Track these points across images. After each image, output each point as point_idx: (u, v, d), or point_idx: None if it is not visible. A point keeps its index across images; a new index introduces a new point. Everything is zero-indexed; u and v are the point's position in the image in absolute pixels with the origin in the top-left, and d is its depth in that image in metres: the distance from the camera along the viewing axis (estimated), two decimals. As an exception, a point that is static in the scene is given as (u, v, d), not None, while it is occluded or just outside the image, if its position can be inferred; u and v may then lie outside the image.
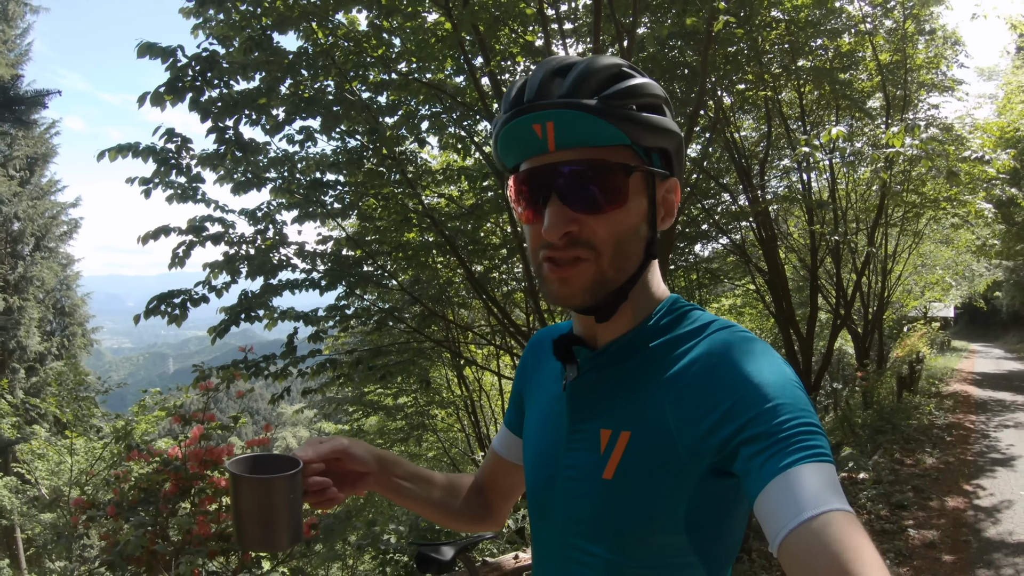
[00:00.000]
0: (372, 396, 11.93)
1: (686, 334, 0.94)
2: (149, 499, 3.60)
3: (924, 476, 7.85)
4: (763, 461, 0.76)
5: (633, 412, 0.93)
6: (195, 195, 6.02)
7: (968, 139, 8.58)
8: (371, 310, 7.69)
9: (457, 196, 9.42)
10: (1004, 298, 36.69)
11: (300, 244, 6.55)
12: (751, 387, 0.82)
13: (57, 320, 21.71)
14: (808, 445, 0.76)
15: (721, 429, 0.82)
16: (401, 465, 1.20)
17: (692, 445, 0.85)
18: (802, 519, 0.71)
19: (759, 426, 0.79)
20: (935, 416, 11.91)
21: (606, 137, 0.90)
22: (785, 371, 0.85)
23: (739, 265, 12.50)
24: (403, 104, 7.38)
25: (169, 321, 5.94)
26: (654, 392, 0.91)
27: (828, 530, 0.69)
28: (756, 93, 9.59)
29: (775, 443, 0.77)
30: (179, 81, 5.22)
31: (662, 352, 0.94)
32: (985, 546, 5.67)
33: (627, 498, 0.90)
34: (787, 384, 0.83)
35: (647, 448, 0.90)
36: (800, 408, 0.80)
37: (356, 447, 1.10)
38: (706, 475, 0.86)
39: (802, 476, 0.74)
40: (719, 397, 0.84)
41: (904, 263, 16.65)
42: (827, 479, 0.74)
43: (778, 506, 0.73)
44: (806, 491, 0.72)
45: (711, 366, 0.88)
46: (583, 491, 0.95)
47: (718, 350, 0.89)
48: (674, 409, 0.88)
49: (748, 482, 0.78)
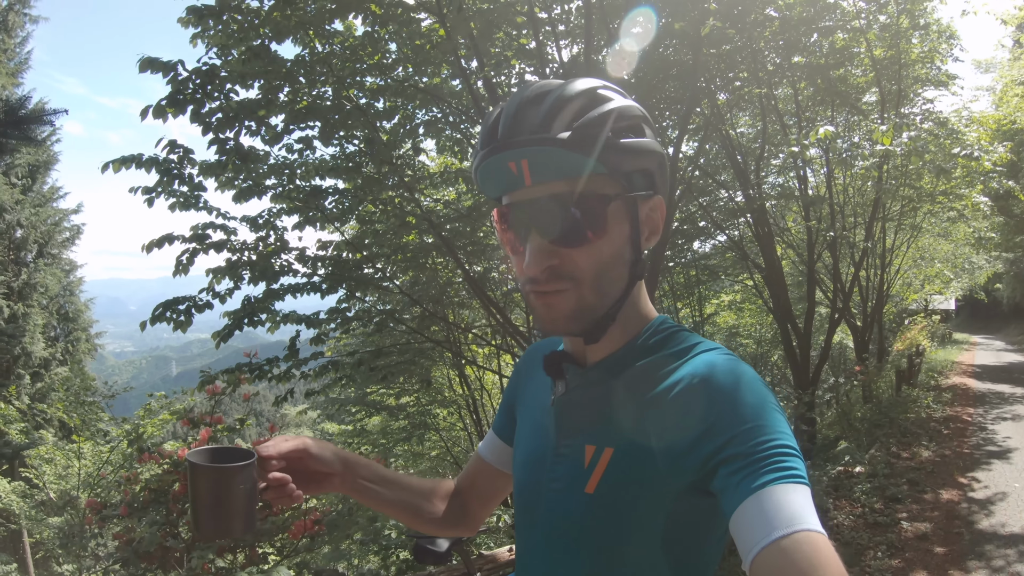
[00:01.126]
0: (374, 396, 12.04)
1: (672, 355, 0.97)
2: (159, 499, 3.72)
3: (919, 469, 7.92)
4: (739, 480, 0.79)
5: (617, 429, 0.95)
6: (197, 203, 6.12)
7: (964, 133, 8.64)
8: (371, 312, 7.78)
9: (455, 198, 9.51)
10: (1005, 290, 36.65)
11: (301, 249, 6.65)
12: (731, 408, 0.85)
13: (61, 326, 21.83)
14: (784, 466, 0.79)
15: (701, 448, 0.85)
16: (369, 468, 1.21)
17: (672, 463, 0.88)
18: (773, 537, 0.73)
19: (737, 446, 0.82)
20: (933, 409, 11.96)
21: (582, 168, 0.91)
22: (765, 394, 0.88)
23: (737, 261, 12.55)
24: (400, 109, 7.48)
25: (175, 328, 6.04)
26: (638, 411, 0.94)
27: (798, 548, 0.72)
28: (751, 90, 9.65)
29: (752, 463, 0.79)
30: (180, 94, 5.34)
31: (647, 372, 0.97)
32: (977, 538, 5.75)
33: (607, 513, 0.93)
34: (766, 406, 0.85)
35: (629, 465, 0.93)
36: (778, 430, 0.83)
37: (319, 448, 1.11)
38: (685, 493, 0.89)
39: (776, 496, 0.76)
40: (700, 417, 0.87)
41: (903, 257, 16.69)
42: (800, 500, 0.76)
43: (751, 524, 0.76)
44: (779, 510, 0.75)
45: (693, 387, 0.90)
46: (566, 503, 0.98)
47: (701, 372, 0.91)
48: (656, 428, 0.91)
49: (724, 500, 0.81)
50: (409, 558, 5.06)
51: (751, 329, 18.98)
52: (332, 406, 13.71)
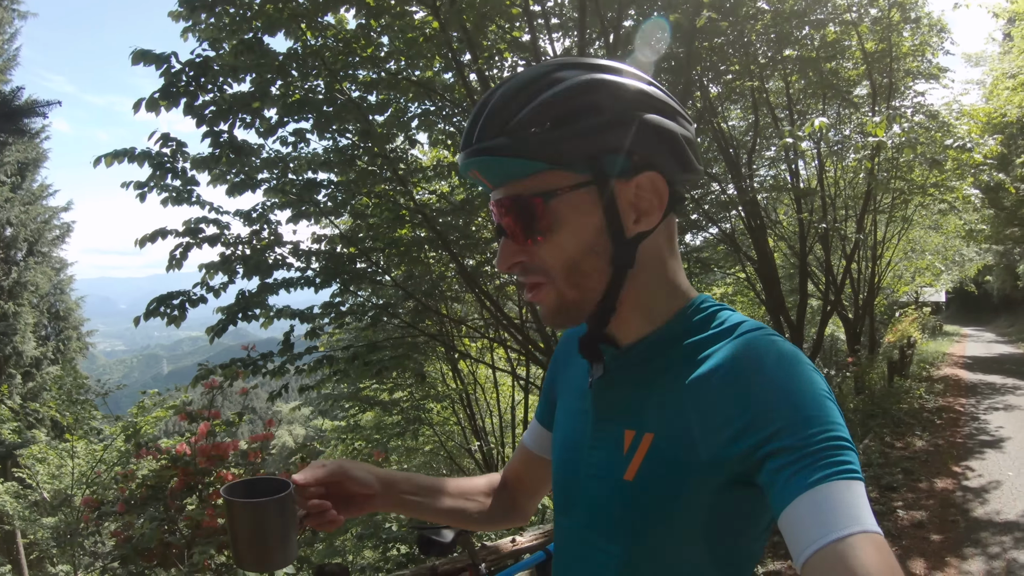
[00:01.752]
0: (367, 392, 11.99)
1: (714, 335, 0.91)
2: (157, 495, 3.69)
3: (914, 459, 7.97)
4: (790, 475, 0.75)
5: (657, 414, 0.91)
6: (190, 198, 6.08)
7: (955, 126, 8.68)
8: (365, 306, 7.75)
9: (448, 191, 9.48)
10: (995, 282, 36.95)
11: (295, 243, 6.62)
12: (779, 396, 0.80)
13: (52, 324, 21.74)
14: (838, 461, 0.74)
15: (745, 438, 0.80)
16: (409, 481, 1.19)
17: (716, 450, 0.83)
18: (829, 539, 0.69)
19: (787, 438, 0.77)
20: (925, 400, 12.04)
21: (523, 169, 0.89)
22: (816, 380, 0.82)
23: (729, 254, 12.56)
24: (393, 102, 7.45)
25: (168, 322, 6.02)
26: (679, 395, 0.89)
27: (854, 553, 0.68)
28: (743, 83, 9.66)
29: (803, 457, 0.75)
30: (173, 87, 5.30)
31: (689, 353, 0.92)
32: (973, 525, 5.79)
33: (646, 501, 0.89)
34: (817, 395, 0.80)
35: (670, 452, 0.88)
36: (831, 421, 0.78)
37: (356, 470, 1.08)
38: (728, 484, 0.84)
39: (831, 494, 0.72)
40: (744, 404, 0.82)
41: (894, 249, 16.76)
42: (856, 498, 0.72)
43: (805, 523, 0.72)
44: (834, 510, 0.71)
45: (738, 371, 0.85)
46: (604, 490, 0.95)
47: (745, 354, 0.86)
48: (698, 412, 0.86)
49: (773, 495, 0.77)
50: (408, 551, 5.05)
51: (743, 322, 18.97)
52: (325, 402, 13.67)
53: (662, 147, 0.90)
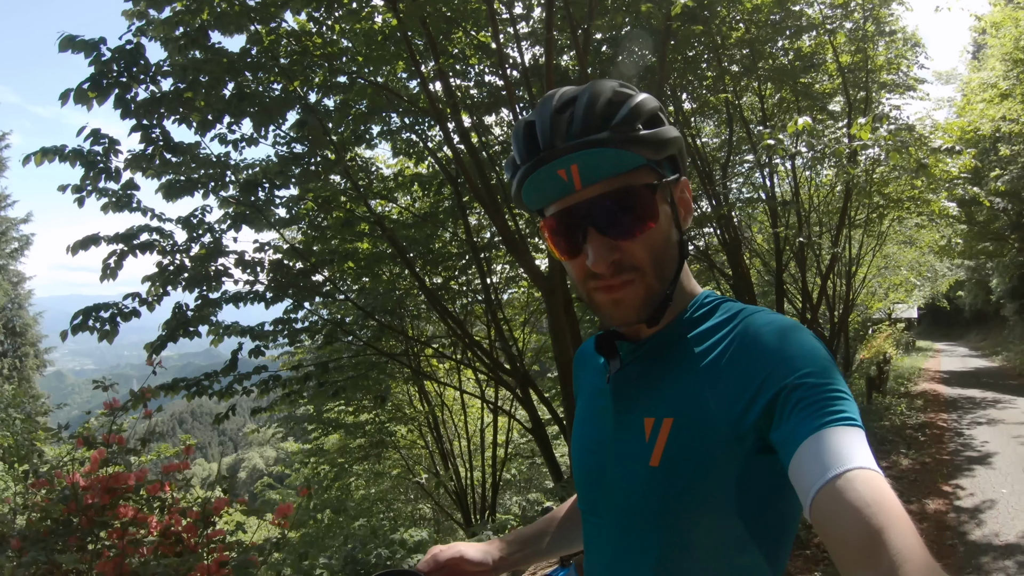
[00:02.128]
0: (331, 414, 11.53)
1: (720, 323, 0.98)
2: (60, 530, 3.21)
3: (901, 478, 7.66)
4: (794, 427, 0.79)
5: (675, 399, 0.95)
6: (130, 203, 5.65)
7: (930, 138, 8.56)
8: (318, 323, 7.31)
9: (410, 204, 9.12)
10: (967, 297, 37.23)
11: (239, 253, 6.18)
12: (782, 359, 0.86)
13: (8, 340, 21.02)
14: (836, 410, 0.79)
15: (758, 402, 0.85)
16: (516, 541, 1.29)
17: (733, 423, 0.87)
18: (827, 478, 0.72)
19: (790, 393, 0.82)
20: (907, 416, 11.83)
21: (626, 164, 0.94)
22: (813, 342, 0.88)
23: (704, 270, 12.41)
24: (352, 108, 7.09)
25: (100, 338, 5.55)
26: (693, 379, 0.94)
27: (852, 486, 0.71)
28: (717, 96, 9.48)
29: (803, 409, 0.79)
30: (104, 77, 4.88)
31: (699, 341, 0.98)
32: (972, 550, 5.44)
33: (675, 483, 0.92)
34: (815, 354, 0.86)
35: (691, 432, 0.91)
36: (829, 375, 0.83)
37: (470, 550, 1.20)
38: (752, 453, 0.87)
39: (829, 438, 0.75)
40: (753, 373, 0.87)
41: (868, 265, 16.72)
42: (854, 440, 0.75)
43: (805, 469, 0.75)
44: (831, 452, 0.74)
45: (744, 346, 0.91)
46: (632, 479, 0.97)
47: (751, 331, 0.92)
48: (713, 392, 0.91)
49: (782, 452, 0.81)
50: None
51: (718, 338, 18.87)
52: (288, 424, 13.20)
53: (683, 156, 1.03)
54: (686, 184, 1.03)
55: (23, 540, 3.15)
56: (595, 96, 0.95)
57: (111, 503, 3.09)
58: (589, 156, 0.92)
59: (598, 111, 0.93)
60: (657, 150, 0.95)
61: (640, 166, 0.95)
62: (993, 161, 17.88)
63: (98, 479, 3.11)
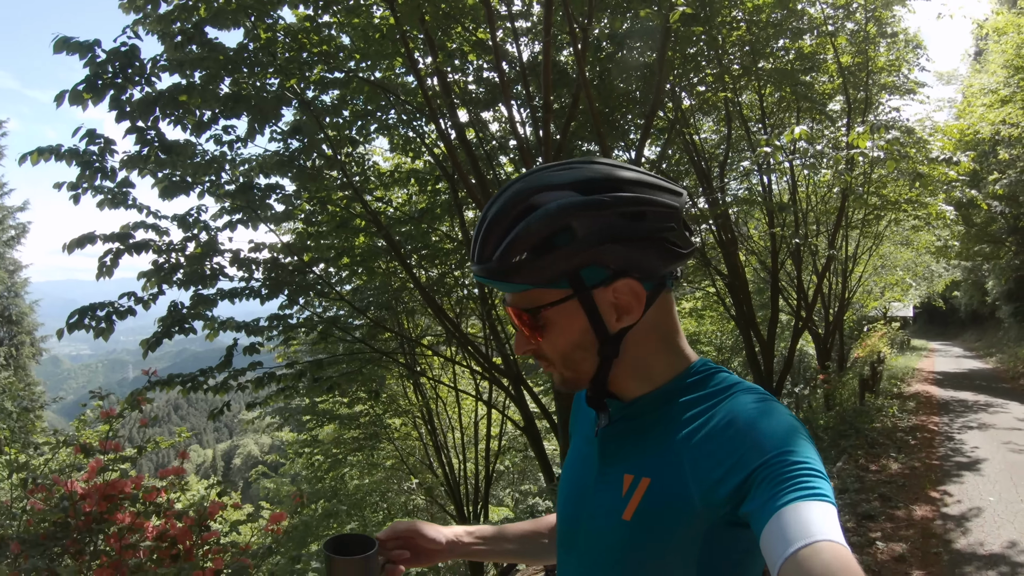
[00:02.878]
0: (325, 405, 11.56)
1: (709, 394, 1.00)
2: (58, 534, 3.23)
3: (890, 483, 7.67)
4: (764, 501, 0.81)
5: (655, 460, 0.99)
6: (125, 200, 5.65)
7: (929, 142, 8.56)
8: (314, 319, 7.31)
9: (407, 199, 9.11)
10: (963, 297, 37.27)
11: (235, 251, 6.18)
12: (759, 439, 0.88)
13: (4, 329, 20.95)
14: (808, 486, 0.80)
15: (732, 478, 0.87)
16: (474, 533, 1.33)
17: (706, 494, 0.90)
18: (794, 548, 0.74)
19: (765, 471, 0.84)
20: (899, 418, 11.84)
21: (514, 289, 1.01)
22: (795, 425, 0.91)
23: (699, 268, 12.40)
24: (349, 104, 7.07)
25: (96, 335, 5.57)
26: (675, 444, 0.97)
27: (818, 556, 0.72)
28: (716, 95, 9.45)
29: (777, 484, 0.81)
30: (99, 78, 4.86)
31: (686, 408, 1.00)
32: (956, 559, 5.46)
33: (643, 539, 0.96)
34: (794, 436, 0.88)
35: (665, 494, 0.95)
36: (804, 455, 0.85)
37: (427, 528, 1.26)
38: (720, 524, 0.90)
39: (799, 512, 0.77)
40: (731, 449, 0.90)
41: (864, 264, 16.70)
42: (823, 516, 0.77)
43: (775, 540, 0.76)
44: (800, 524, 0.75)
45: (726, 423, 0.93)
46: (604, 530, 1.02)
47: (734, 409, 0.95)
48: (691, 460, 0.94)
49: (754, 523, 0.82)
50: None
51: (712, 336, 18.91)
52: (283, 414, 13.24)
53: (635, 253, 0.99)
54: (627, 286, 0.99)
55: (22, 544, 3.17)
56: (492, 220, 0.99)
57: (108, 509, 3.10)
58: (485, 281, 1.01)
59: (489, 240, 0.98)
60: (551, 270, 0.97)
61: (529, 290, 1.00)
62: (992, 164, 17.86)
63: (96, 487, 3.12)
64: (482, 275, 1.00)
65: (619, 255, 0.98)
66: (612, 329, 1.01)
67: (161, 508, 3.32)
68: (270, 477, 16.87)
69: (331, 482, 12.95)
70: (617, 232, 0.97)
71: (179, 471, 3.50)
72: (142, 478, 3.35)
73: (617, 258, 0.98)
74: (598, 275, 0.99)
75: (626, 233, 0.97)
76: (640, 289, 1.01)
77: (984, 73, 16.87)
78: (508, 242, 0.96)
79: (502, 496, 14.79)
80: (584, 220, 0.96)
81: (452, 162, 6.57)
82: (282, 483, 15.82)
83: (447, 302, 8.88)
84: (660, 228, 0.99)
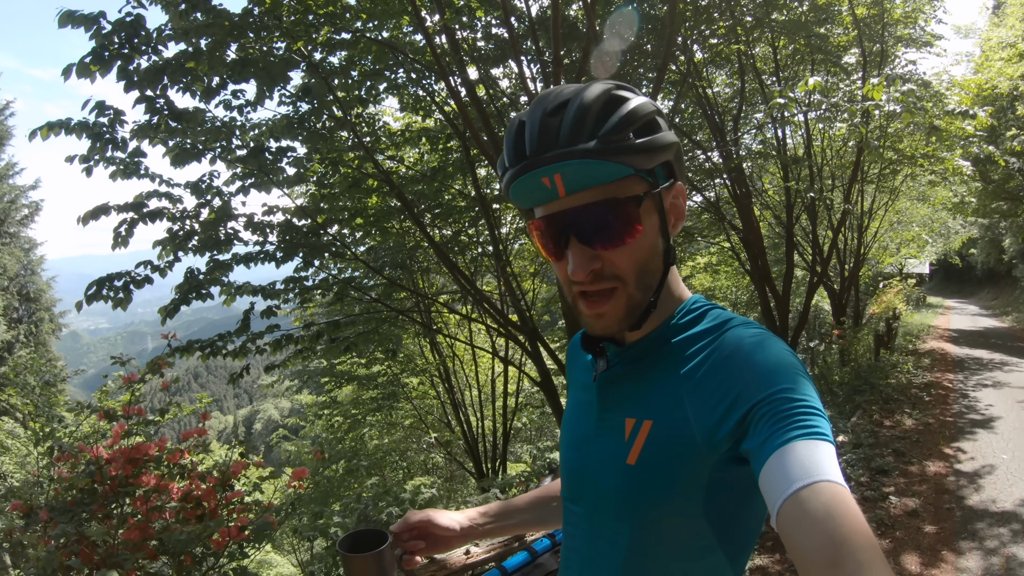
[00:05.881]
0: (343, 367, 11.68)
1: (705, 331, 1.00)
2: (85, 500, 3.30)
3: (904, 438, 7.70)
4: (764, 439, 0.81)
5: (655, 403, 0.98)
6: (137, 170, 5.65)
7: (946, 96, 8.39)
8: (328, 281, 7.35)
9: (419, 158, 9.07)
10: (979, 255, 36.87)
11: (248, 216, 6.19)
12: (758, 376, 0.88)
13: (24, 307, 21.20)
14: (807, 424, 0.80)
15: (732, 415, 0.87)
16: (485, 514, 1.35)
17: (708, 433, 0.90)
18: (793, 489, 0.75)
19: (764, 408, 0.84)
20: (913, 375, 11.81)
21: (613, 174, 0.93)
22: (792, 362, 0.90)
23: (713, 223, 12.31)
24: (357, 65, 7.01)
25: (114, 306, 5.61)
26: (675, 385, 0.97)
27: (817, 498, 0.73)
28: (728, 47, 9.28)
29: (777, 423, 0.81)
30: (105, 50, 4.83)
31: (683, 348, 1.00)
32: (968, 515, 5.48)
33: (648, 482, 0.96)
34: (792, 373, 0.88)
35: (667, 436, 0.95)
36: (803, 392, 0.85)
37: (440, 517, 1.29)
38: (723, 462, 0.90)
39: (798, 451, 0.78)
40: (730, 386, 0.89)
41: (880, 220, 16.53)
42: (822, 455, 0.77)
43: (774, 479, 0.77)
44: (799, 464, 0.76)
45: (724, 359, 0.93)
46: (609, 475, 1.02)
47: (731, 344, 0.94)
48: (691, 400, 0.94)
49: (753, 461, 0.83)
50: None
51: (727, 292, 18.84)
52: (302, 377, 13.39)
53: (680, 160, 1.03)
54: (681, 190, 1.02)
55: (51, 512, 3.25)
56: (586, 102, 0.93)
57: (134, 473, 3.17)
58: (574, 166, 0.92)
59: (589, 118, 0.92)
60: (648, 159, 0.95)
61: (627, 176, 0.95)
62: (1010, 120, 17.52)
63: (121, 451, 3.18)
64: (577, 156, 0.91)
65: (679, 159, 1.02)
66: (672, 233, 1.02)
67: (185, 470, 3.38)
68: (291, 440, 17.11)
69: (351, 443, 13.14)
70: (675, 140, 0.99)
71: (202, 432, 3.56)
72: (165, 440, 3.41)
73: (678, 161, 1.02)
74: (665, 174, 1.01)
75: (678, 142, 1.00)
76: (685, 196, 1.03)
77: (1003, 27, 16.44)
78: (617, 120, 0.93)
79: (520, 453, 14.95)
80: (662, 118, 0.99)
81: (463, 120, 6.52)
82: (303, 446, 16.05)
83: (462, 260, 8.88)
84: None
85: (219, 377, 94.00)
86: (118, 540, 3.00)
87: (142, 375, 3.73)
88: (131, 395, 3.55)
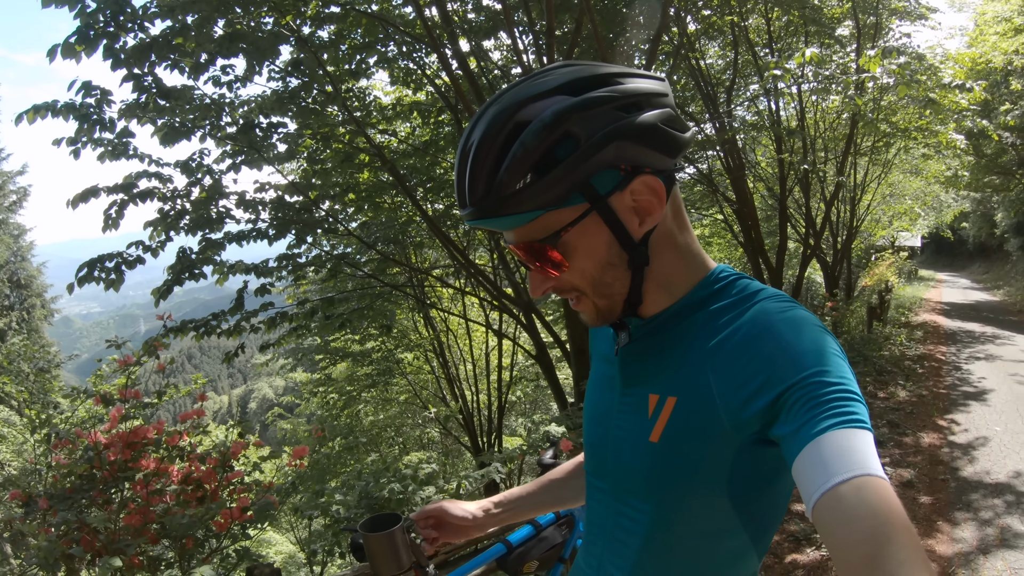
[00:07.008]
0: (337, 343, 11.67)
1: (732, 303, 0.95)
2: (85, 486, 3.28)
3: (898, 410, 7.75)
4: (799, 426, 0.77)
5: (680, 378, 0.95)
6: (126, 151, 5.56)
7: (940, 69, 8.35)
8: (322, 257, 7.31)
9: (411, 132, 8.99)
10: (971, 229, 36.91)
11: (240, 193, 6.13)
12: (791, 355, 0.83)
13: (15, 293, 21.06)
14: (845, 411, 0.76)
15: (761, 396, 0.83)
16: (500, 503, 1.38)
17: (734, 412, 0.87)
18: (833, 483, 0.72)
19: (798, 392, 0.79)
20: (906, 347, 11.88)
21: (526, 218, 0.90)
22: (826, 340, 0.85)
23: (707, 195, 12.32)
24: (347, 38, 6.91)
25: (106, 287, 5.54)
26: (700, 359, 0.93)
27: (858, 494, 0.70)
28: (722, 18, 9.19)
29: (812, 408, 0.77)
30: (90, 29, 4.72)
31: (708, 320, 0.96)
32: (963, 486, 5.52)
33: (671, 461, 0.94)
34: (826, 352, 0.83)
35: (692, 414, 0.92)
36: (839, 376, 0.80)
37: (453, 507, 1.35)
38: (749, 443, 0.87)
39: (836, 441, 0.74)
40: (760, 365, 0.85)
41: (873, 193, 16.56)
42: (862, 445, 0.74)
43: (811, 470, 0.74)
44: (839, 456, 0.73)
45: (753, 335, 0.88)
46: (631, 452, 1.00)
47: (761, 319, 0.90)
48: (717, 376, 0.90)
49: (786, 448, 0.79)
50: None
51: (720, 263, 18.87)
52: (296, 355, 13.34)
53: (644, 146, 0.91)
54: (641, 185, 0.92)
55: (50, 499, 3.22)
56: (479, 152, 0.88)
57: (133, 457, 3.14)
58: (483, 224, 0.91)
59: (482, 175, 0.87)
60: (560, 187, 0.87)
61: (540, 216, 0.90)
62: (1004, 95, 17.49)
63: (119, 435, 3.15)
64: (479, 217, 0.89)
65: (628, 152, 0.90)
66: (637, 236, 0.94)
67: (184, 452, 3.36)
68: (286, 418, 17.14)
69: (347, 419, 13.17)
70: (621, 127, 0.88)
71: (199, 413, 3.54)
72: (163, 423, 3.38)
73: (627, 155, 0.90)
74: (612, 179, 0.91)
75: (630, 127, 0.89)
76: (658, 184, 0.93)
77: (998, 1, 16.33)
78: (505, 169, 0.86)
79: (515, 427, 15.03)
80: (584, 122, 0.87)
81: (455, 92, 6.45)
82: (298, 423, 16.08)
83: (455, 233, 8.85)
84: (660, 116, 0.91)
85: (212, 357, 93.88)
86: (119, 526, 2.98)
87: (138, 357, 3.70)
88: (127, 378, 3.52)
